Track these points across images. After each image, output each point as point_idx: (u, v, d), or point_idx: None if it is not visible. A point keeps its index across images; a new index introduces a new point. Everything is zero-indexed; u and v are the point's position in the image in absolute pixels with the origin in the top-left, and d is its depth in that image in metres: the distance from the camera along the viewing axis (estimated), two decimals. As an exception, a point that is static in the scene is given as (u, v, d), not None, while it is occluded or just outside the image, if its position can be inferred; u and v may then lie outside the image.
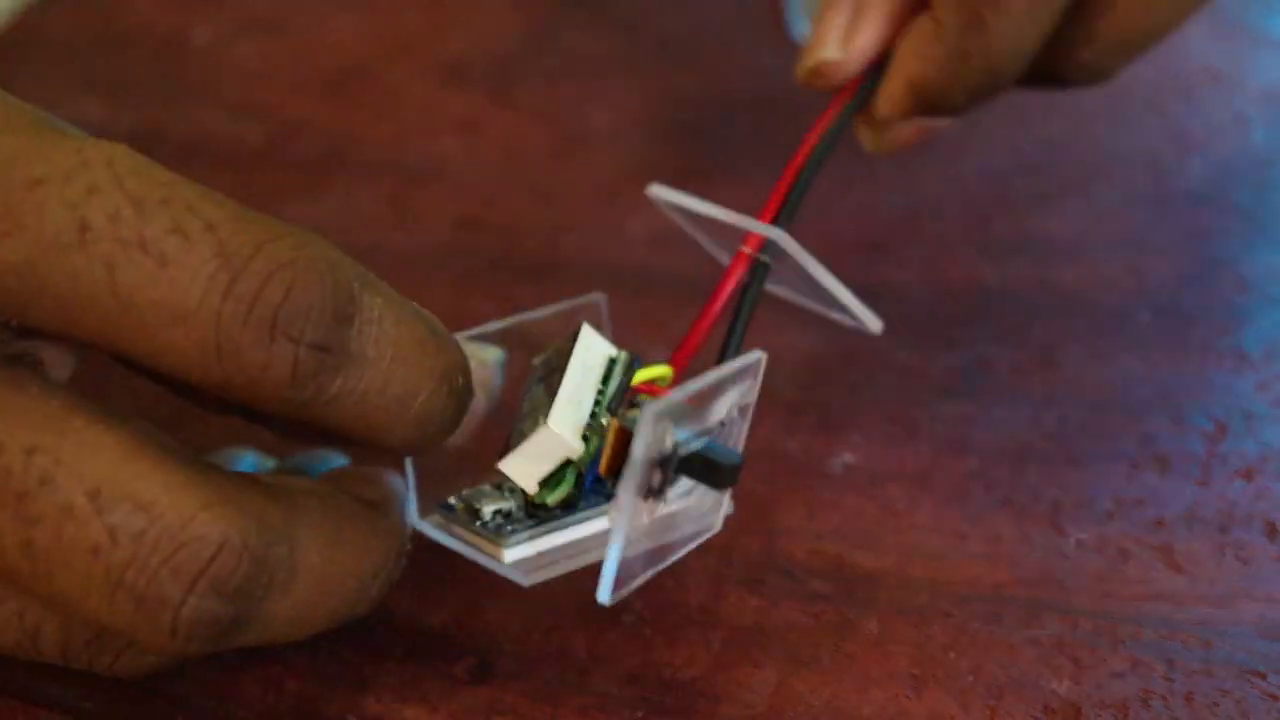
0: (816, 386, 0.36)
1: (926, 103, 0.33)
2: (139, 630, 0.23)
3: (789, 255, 0.31)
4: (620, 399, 0.29)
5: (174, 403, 0.26)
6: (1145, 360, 0.38)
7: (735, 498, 0.33)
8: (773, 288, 0.32)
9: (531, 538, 0.30)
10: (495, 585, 0.33)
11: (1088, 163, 0.46)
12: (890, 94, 0.33)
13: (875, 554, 0.33)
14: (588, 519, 0.30)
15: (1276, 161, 0.45)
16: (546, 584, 0.33)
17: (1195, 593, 0.31)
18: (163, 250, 0.22)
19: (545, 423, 0.28)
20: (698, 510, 0.30)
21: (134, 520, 0.22)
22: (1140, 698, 0.29)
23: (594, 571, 0.28)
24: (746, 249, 0.31)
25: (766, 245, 0.31)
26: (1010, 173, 0.46)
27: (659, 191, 0.32)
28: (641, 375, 0.30)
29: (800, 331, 0.38)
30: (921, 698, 0.30)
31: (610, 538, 0.27)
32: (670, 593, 0.33)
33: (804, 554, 0.34)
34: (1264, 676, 0.29)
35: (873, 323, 0.32)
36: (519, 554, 0.30)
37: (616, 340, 0.30)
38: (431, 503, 0.30)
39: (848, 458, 0.36)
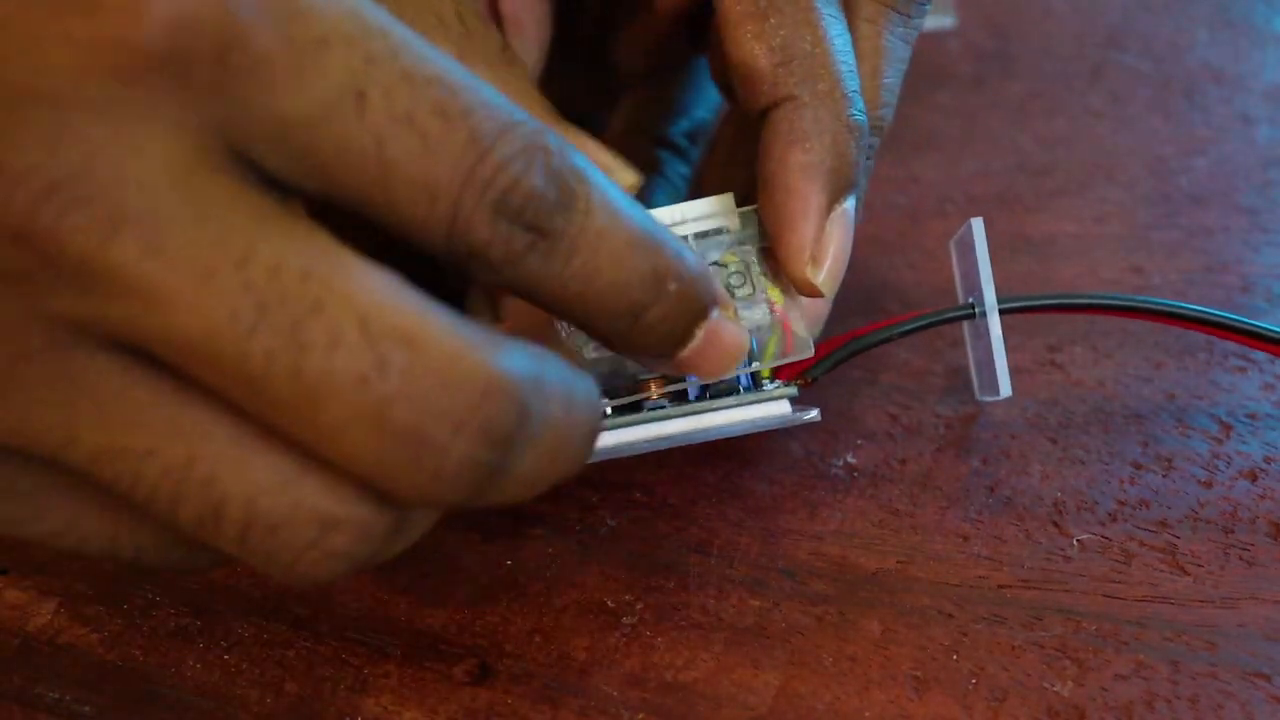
0: (817, 387, 0.35)
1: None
2: (400, 472, 0.23)
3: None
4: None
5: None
6: (1148, 361, 0.38)
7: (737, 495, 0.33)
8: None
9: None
10: (495, 586, 0.33)
11: (1090, 162, 0.46)
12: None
13: (877, 555, 0.33)
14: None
15: (1279, 160, 0.45)
16: (547, 585, 0.33)
17: (1199, 594, 0.31)
18: (426, 129, 0.23)
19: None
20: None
21: (403, 354, 0.22)
22: (1144, 700, 0.29)
23: (597, 555, 0.28)
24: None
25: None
26: (1012, 172, 0.46)
27: None
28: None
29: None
30: (924, 700, 0.30)
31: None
32: (671, 594, 0.33)
33: (806, 555, 0.33)
34: (1269, 679, 0.29)
35: (1005, 387, 0.34)
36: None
37: None
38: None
39: (849, 459, 0.36)
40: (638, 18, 0.40)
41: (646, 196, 0.38)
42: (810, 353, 0.33)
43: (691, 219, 0.33)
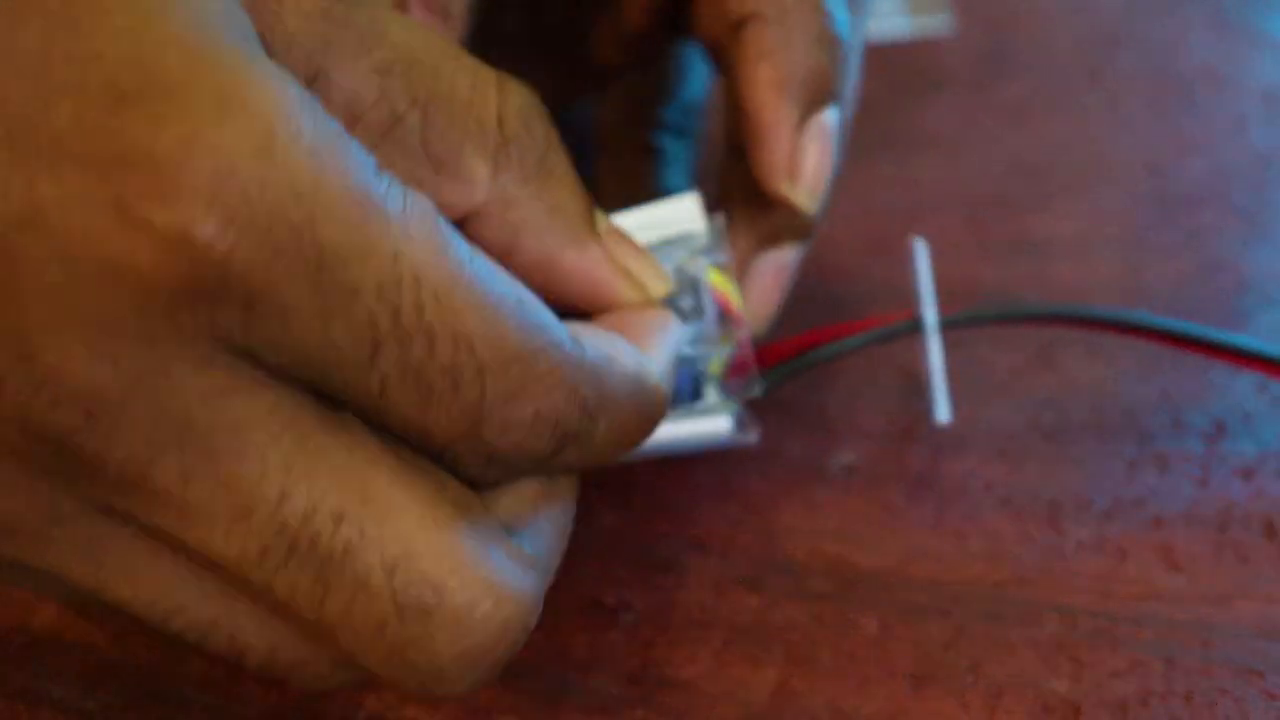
0: (816, 386, 0.36)
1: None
2: (404, 686, 0.24)
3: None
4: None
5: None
6: (1144, 360, 0.38)
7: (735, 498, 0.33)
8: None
9: None
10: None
11: (1087, 163, 0.46)
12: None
13: (875, 553, 0.33)
14: None
15: (1275, 162, 0.45)
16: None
17: (1194, 592, 0.32)
18: (431, 385, 0.22)
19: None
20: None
21: (425, 599, 0.23)
22: (1139, 697, 0.29)
23: (595, 568, 0.28)
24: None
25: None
26: (1010, 173, 0.46)
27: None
28: (720, 281, 0.32)
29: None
30: (921, 697, 0.30)
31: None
32: (670, 592, 0.33)
33: (804, 553, 0.34)
34: (1262, 676, 0.30)
35: (943, 413, 0.34)
36: None
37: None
38: None
39: (847, 458, 0.36)
40: (611, 14, 0.40)
41: (657, 180, 0.38)
42: (758, 391, 0.32)
43: (656, 225, 0.32)
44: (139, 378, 0.21)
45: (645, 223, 0.32)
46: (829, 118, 0.32)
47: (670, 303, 0.31)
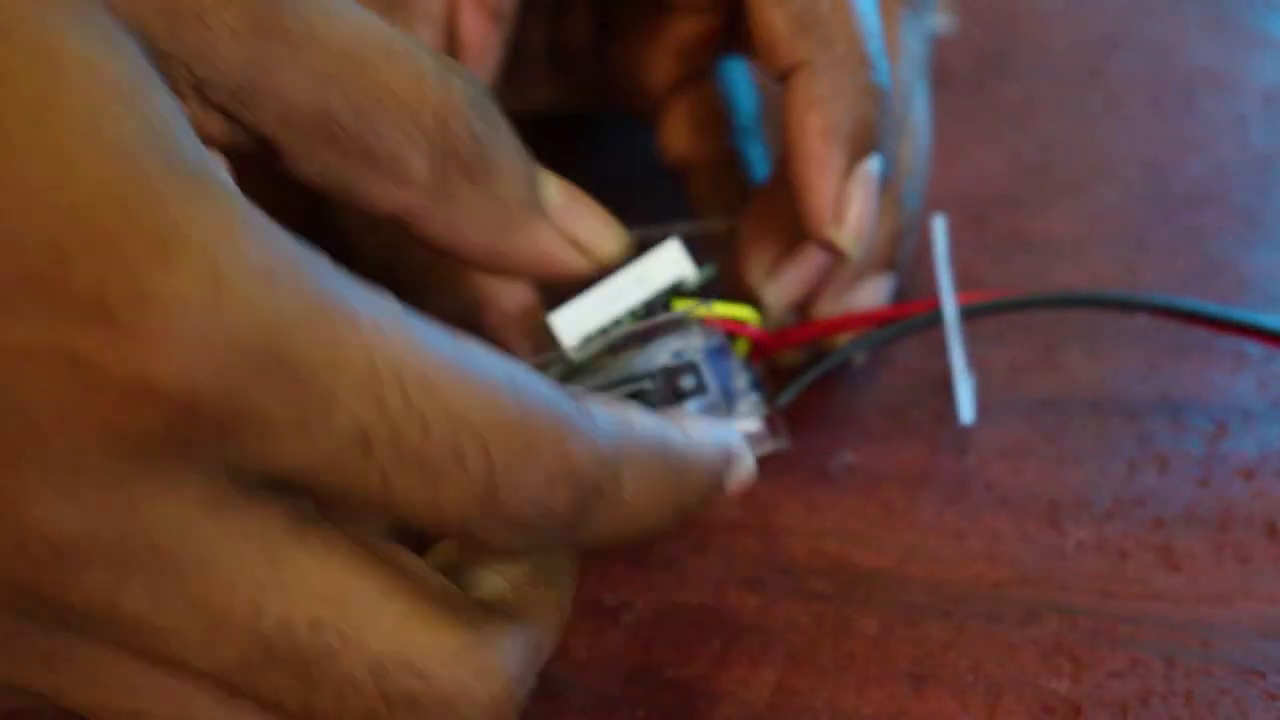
0: (816, 385, 0.36)
1: None
2: None
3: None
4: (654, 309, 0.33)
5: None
6: (1144, 360, 0.38)
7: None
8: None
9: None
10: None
11: (1087, 163, 0.46)
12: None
13: (875, 553, 0.33)
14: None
15: (1275, 162, 0.45)
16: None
17: (1194, 592, 0.32)
18: (435, 466, 0.22)
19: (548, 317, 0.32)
20: None
21: (412, 688, 0.23)
22: (1139, 697, 0.29)
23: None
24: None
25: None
26: (1009, 173, 0.46)
27: None
28: (724, 309, 0.33)
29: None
30: (921, 697, 0.30)
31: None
32: (670, 592, 0.33)
33: (804, 553, 0.34)
34: (1263, 676, 0.30)
35: (966, 412, 0.35)
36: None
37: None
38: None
39: (847, 458, 0.36)
40: (657, 43, 0.40)
41: (749, 183, 0.39)
42: (783, 444, 0.33)
43: (646, 279, 0.33)
44: (106, 515, 0.21)
45: (635, 278, 0.33)
46: (872, 166, 0.33)
47: (672, 383, 0.32)
